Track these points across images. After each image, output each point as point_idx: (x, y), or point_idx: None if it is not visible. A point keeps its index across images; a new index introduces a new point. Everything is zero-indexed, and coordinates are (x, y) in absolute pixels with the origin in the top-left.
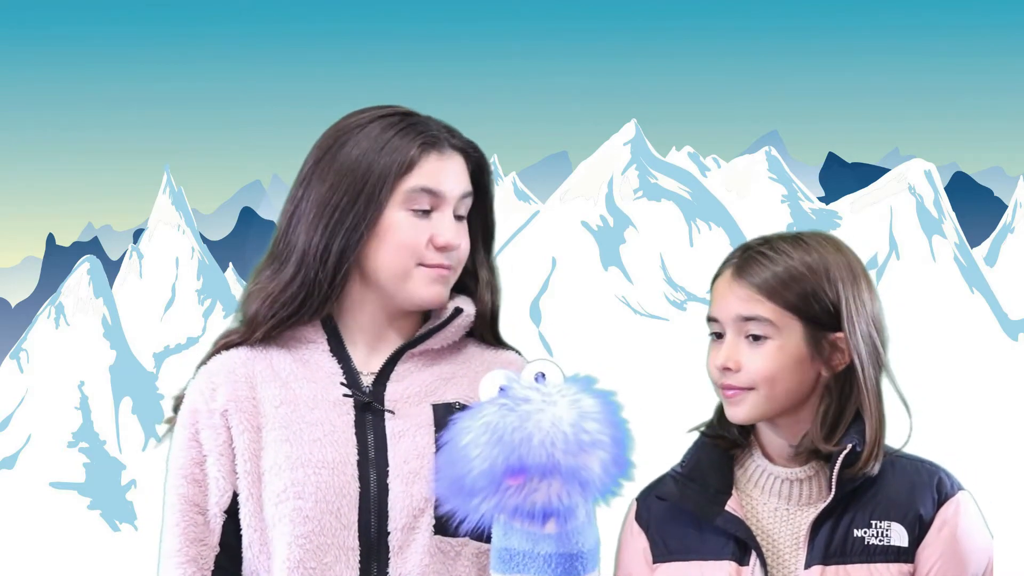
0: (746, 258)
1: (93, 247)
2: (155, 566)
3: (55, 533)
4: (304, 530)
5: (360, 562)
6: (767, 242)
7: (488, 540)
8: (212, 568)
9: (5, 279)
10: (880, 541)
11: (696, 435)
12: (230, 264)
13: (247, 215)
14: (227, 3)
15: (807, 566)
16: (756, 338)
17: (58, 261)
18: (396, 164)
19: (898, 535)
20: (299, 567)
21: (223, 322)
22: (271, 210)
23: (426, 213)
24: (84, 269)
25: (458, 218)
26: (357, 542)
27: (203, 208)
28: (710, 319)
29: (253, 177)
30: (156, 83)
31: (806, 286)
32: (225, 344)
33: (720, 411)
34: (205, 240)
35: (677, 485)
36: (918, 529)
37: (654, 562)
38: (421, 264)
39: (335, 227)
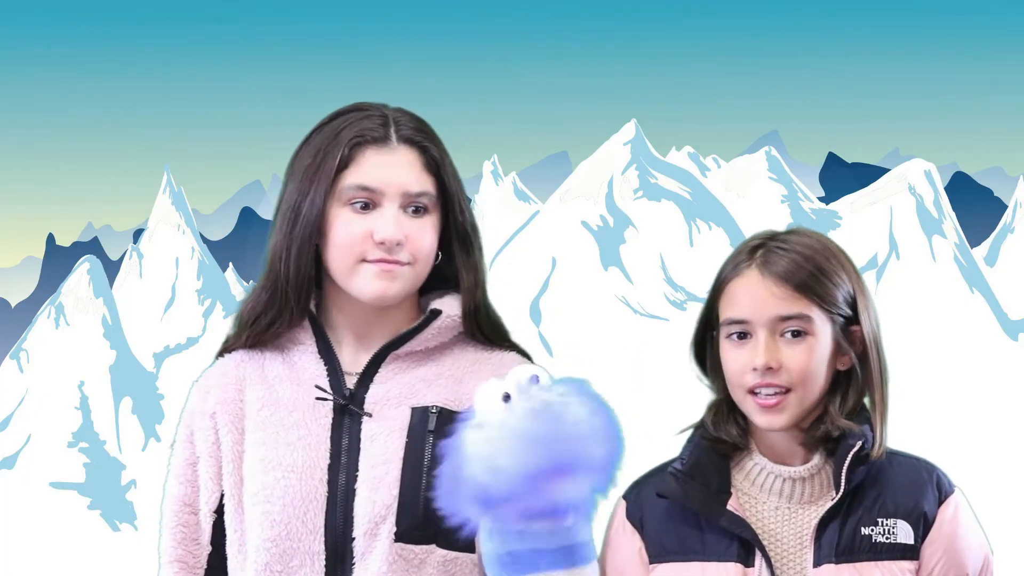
0: (767, 254)
1: (93, 247)
2: (155, 566)
3: (55, 533)
4: (271, 534)
5: (325, 567)
6: (775, 237)
7: (455, 547)
8: (204, 567)
9: (5, 279)
10: (887, 539)
11: (685, 436)
12: (230, 264)
13: (247, 215)
14: (227, 4)
15: (816, 564)
16: (795, 335)
17: (58, 261)
18: (331, 162)
19: (904, 533)
20: (265, 570)
21: (223, 322)
22: (271, 210)
23: (365, 208)
24: (84, 269)
25: (415, 212)
26: (323, 547)
27: (203, 208)
28: (734, 321)
29: (253, 177)
30: (156, 83)
31: (833, 281)
32: (225, 349)
33: (715, 413)
34: (205, 240)
35: (679, 483)
36: (922, 526)
37: (651, 562)
38: (364, 260)
39: (291, 229)
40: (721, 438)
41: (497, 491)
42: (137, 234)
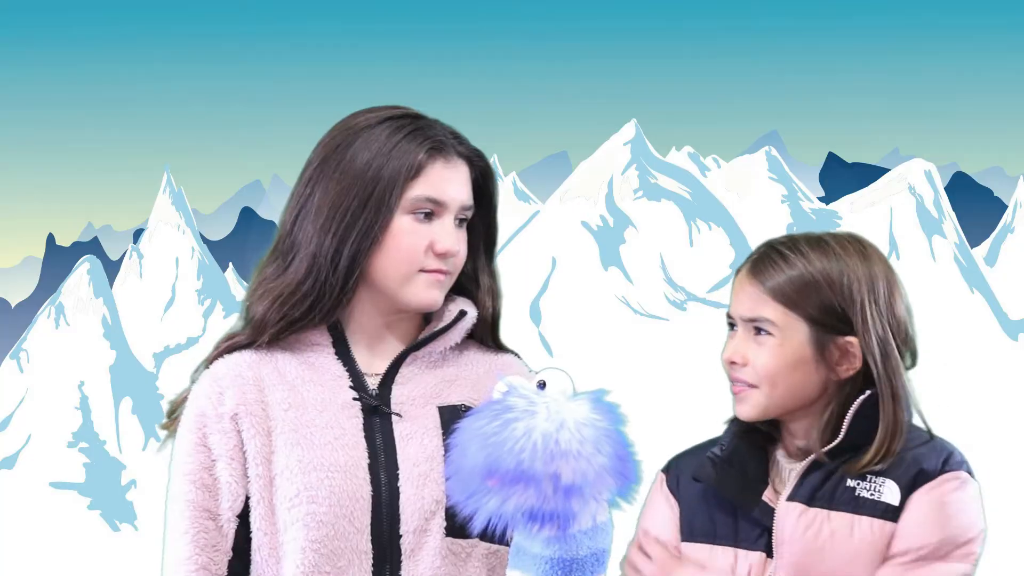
0: (763, 258)
1: (93, 247)
2: (155, 566)
3: (55, 533)
4: (318, 534)
5: (373, 565)
6: (790, 242)
7: (497, 541)
8: (225, 573)
9: (5, 279)
10: (871, 495)
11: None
12: (230, 264)
13: (247, 215)
14: (227, 3)
15: (788, 499)
16: (760, 334)
17: (58, 261)
18: (404, 169)
19: (891, 492)
20: (314, 571)
21: (223, 322)
22: (271, 210)
23: (427, 217)
24: (84, 269)
25: (459, 223)
26: (370, 545)
27: (203, 208)
28: (727, 315)
29: (253, 177)
30: (156, 83)
31: (817, 292)
32: (230, 347)
33: None
34: (205, 240)
35: (716, 469)
36: (917, 483)
37: (681, 539)
38: (422, 270)
39: (346, 231)
40: (755, 427)
41: (459, 481)
42: (137, 234)
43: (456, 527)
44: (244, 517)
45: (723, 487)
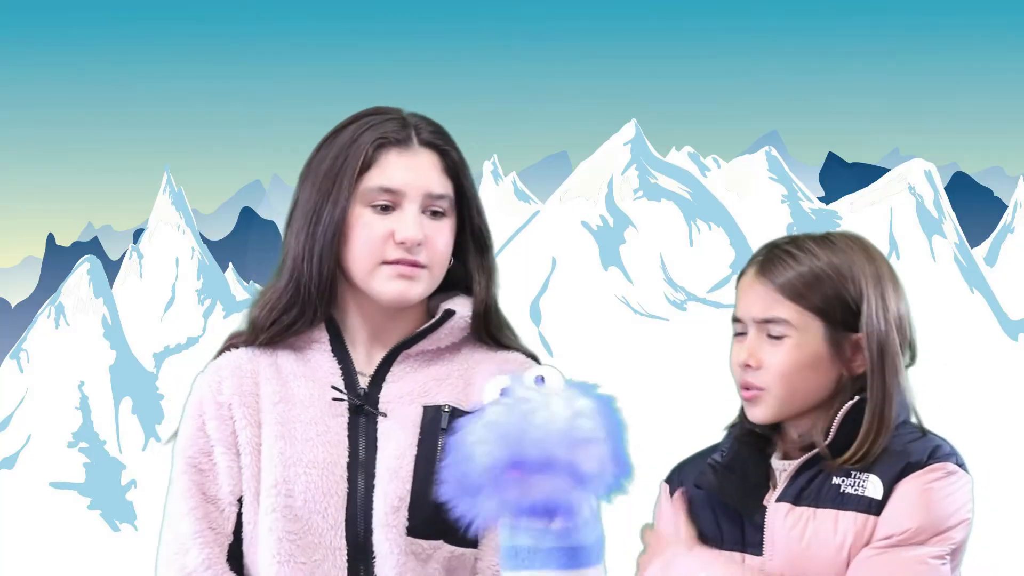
0: (770, 257)
1: (93, 247)
2: (155, 564)
3: (55, 533)
4: (293, 527)
5: (347, 562)
6: (794, 241)
7: (463, 544)
8: (226, 555)
9: (5, 279)
10: (855, 490)
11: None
12: (230, 264)
13: (247, 215)
14: (227, 3)
15: (777, 500)
16: (776, 337)
17: (58, 261)
18: (353, 164)
19: (874, 487)
20: (289, 560)
21: (223, 322)
22: (271, 210)
23: (386, 209)
24: (84, 269)
25: (434, 215)
26: (344, 542)
27: (203, 208)
28: (734, 318)
29: (253, 177)
30: (156, 83)
31: (828, 287)
32: (233, 343)
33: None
34: (205, 240)
35: (716, 476)
36: (899, 478)
37: None
38: (384, 262)
39: (313, 230)
40: (753, 430)
41: (468, 481)
42: (137, 234)
43: (417, 527)
44: (242, 502)
45: (725, 493)
